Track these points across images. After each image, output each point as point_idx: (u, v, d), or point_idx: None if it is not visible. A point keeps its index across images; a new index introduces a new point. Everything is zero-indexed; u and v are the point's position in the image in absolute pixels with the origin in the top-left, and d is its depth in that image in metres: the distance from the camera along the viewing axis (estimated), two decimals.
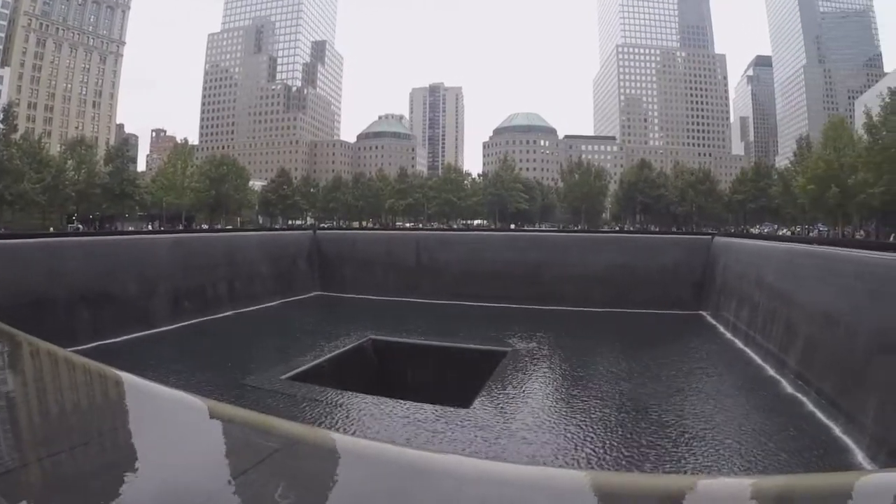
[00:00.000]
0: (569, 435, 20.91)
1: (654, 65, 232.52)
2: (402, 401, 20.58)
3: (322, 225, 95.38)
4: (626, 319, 46.12)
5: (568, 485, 1.98)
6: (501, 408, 22.26)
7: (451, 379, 26.09)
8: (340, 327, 34.61)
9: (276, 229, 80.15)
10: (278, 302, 46.81)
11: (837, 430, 21.57)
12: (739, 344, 38.32)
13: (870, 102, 72.16)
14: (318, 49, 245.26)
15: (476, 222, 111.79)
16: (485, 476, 2.00)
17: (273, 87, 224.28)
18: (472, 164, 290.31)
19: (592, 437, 20.71)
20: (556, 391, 27.06)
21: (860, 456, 18.16)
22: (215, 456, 2.71)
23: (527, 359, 31.02)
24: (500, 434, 19.40)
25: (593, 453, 19.45)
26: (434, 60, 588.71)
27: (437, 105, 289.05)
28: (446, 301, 48.43)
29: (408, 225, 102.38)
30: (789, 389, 27.67)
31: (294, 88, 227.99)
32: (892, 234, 60.00)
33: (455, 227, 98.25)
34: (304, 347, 28.46)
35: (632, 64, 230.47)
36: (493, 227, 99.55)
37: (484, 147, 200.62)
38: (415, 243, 57.05)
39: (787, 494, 1.72)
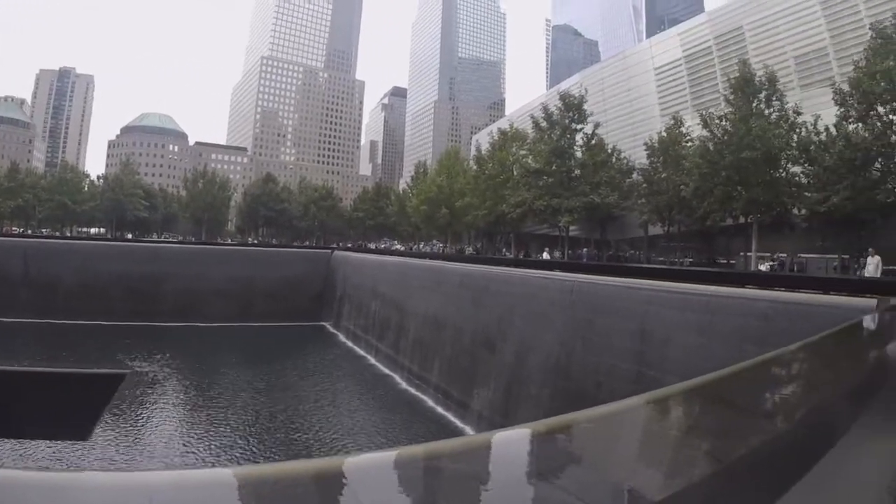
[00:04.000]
0: (205, 443, 19.88)
1: (296, 81, 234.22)
2: (6, 439, 18.37)
3: None
4: (251, 333, 45.26)
5: (213, 482, 1.56)
6: (126, 432, 20.41)
7: (66, 408, 22.43)
8: None
9: None
10: None
11: (454, 419, 23.12)
12: (360, 351, 39.65)
13: (482, 139, 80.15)
14: None
15: (93, 230, 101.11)
16: (122, 486, 1.46)
17: None
18: (98, 163, 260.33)
19: (232, 442, 19.69)
20: (185, 408, 25.30)
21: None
22: None
23: (149, 379, 28.64)
24: (128, 455, 18.14)
25: (236, 455, 18.79)
26: (69, 40, 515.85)
27: (65, 92, 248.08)
28: (60, 320, 42.73)
29: (14, 230, 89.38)
30: (409, 388, 29.12)
31: None
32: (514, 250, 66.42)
33: (69, 234, 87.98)
34: None
35: (274, 77, 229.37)
36: (110, 235, 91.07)
37: (109, 146, 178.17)
38: (23, 253, 49.57)
39: (433, 454, 1.66)
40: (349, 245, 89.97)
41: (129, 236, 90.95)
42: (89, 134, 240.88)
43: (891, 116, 30.26)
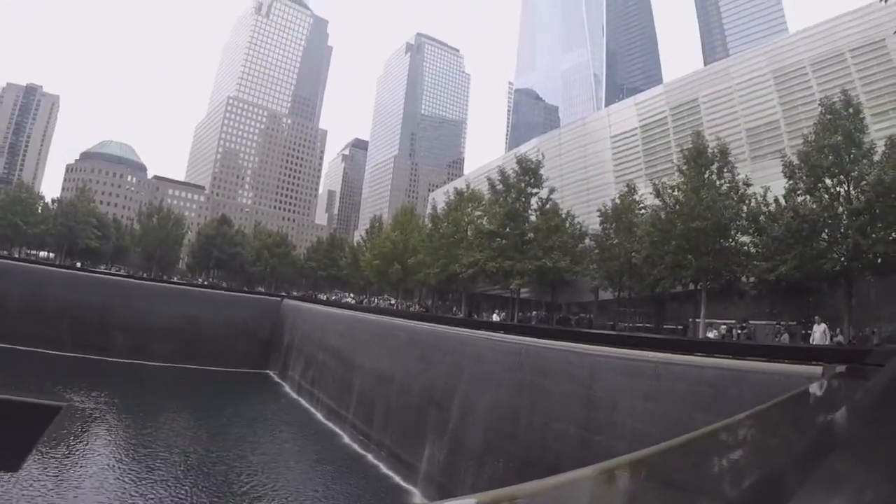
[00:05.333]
0: (137, 486, 20.11)
1: (260, 125, 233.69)
2: None
3: None
4: (195, 376, 44.34)
5: None
6: (57, 466, 19.97)
7: None
8: None
9: None
10: None
11: (397, 478, 22.78)
12: (305, 403, 39.02)
13: (438, 197, 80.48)
14: None
15: (42, 254, 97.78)
16: None
17: None
18: (54, 186, 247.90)
19: (164, 489, 19.49)
20: (118, 448, 24.83)
21: (417, 497, 19.19)
22: None
23: (85, 415, 27.96)
24: (58, 491, 17.75)
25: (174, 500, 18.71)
26: (37, 54, 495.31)
27: (29, 109, 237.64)
28: (3, 344, 41.30)
29: None
30: (352, 444, 28.64)
31: None
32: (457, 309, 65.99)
33: (18, 255, 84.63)
34: None
35: (239, 118, 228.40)
36: (58, 261, 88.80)
37: (67, 170, 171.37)
38: None
39: None
40: (300, 294, 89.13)
41: (78, 264, 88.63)
42: (49, 154, 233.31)
43: (837, 189, 31.22)
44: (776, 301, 39.92)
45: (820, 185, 31.71)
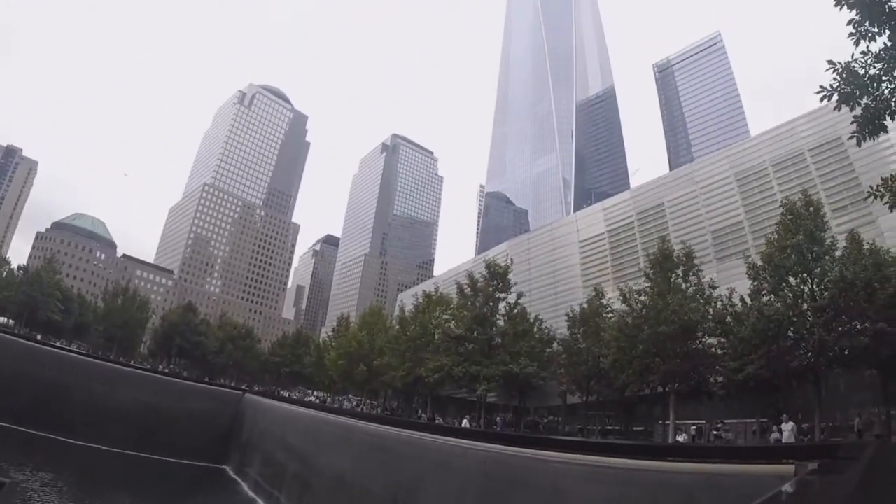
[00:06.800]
0: None
1: (233, 214, 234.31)
2: None
3: None
4: (149, 466, 42.90)
5: None
6: None
7: None
8: None
9: None
10: None
11: None
12: (262, 503, 37.41)
13: (406, 299, 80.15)
14: None
15: (1, 320, 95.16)
16: None
17: None
18: (21, 251, 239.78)
19: None
20: None
21: None
22: None
23: (32, 496, 26.65)
24: None
25: None
26: (21, 118, 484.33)
27: (6, 171, 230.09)
28: None
29: None
30: None
31: None
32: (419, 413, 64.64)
33: None
34: None
35: (213, 206, 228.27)
36: (17, 330, 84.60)
37: (37, 238, 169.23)
38: None
39: None
40: (262, 389, 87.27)
41: (38, 337, 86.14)
42: (20, 219, 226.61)
43: (802, 287, 31.55)
44: (745, 400, 39.72)
45: (784, 284, 32.06)
